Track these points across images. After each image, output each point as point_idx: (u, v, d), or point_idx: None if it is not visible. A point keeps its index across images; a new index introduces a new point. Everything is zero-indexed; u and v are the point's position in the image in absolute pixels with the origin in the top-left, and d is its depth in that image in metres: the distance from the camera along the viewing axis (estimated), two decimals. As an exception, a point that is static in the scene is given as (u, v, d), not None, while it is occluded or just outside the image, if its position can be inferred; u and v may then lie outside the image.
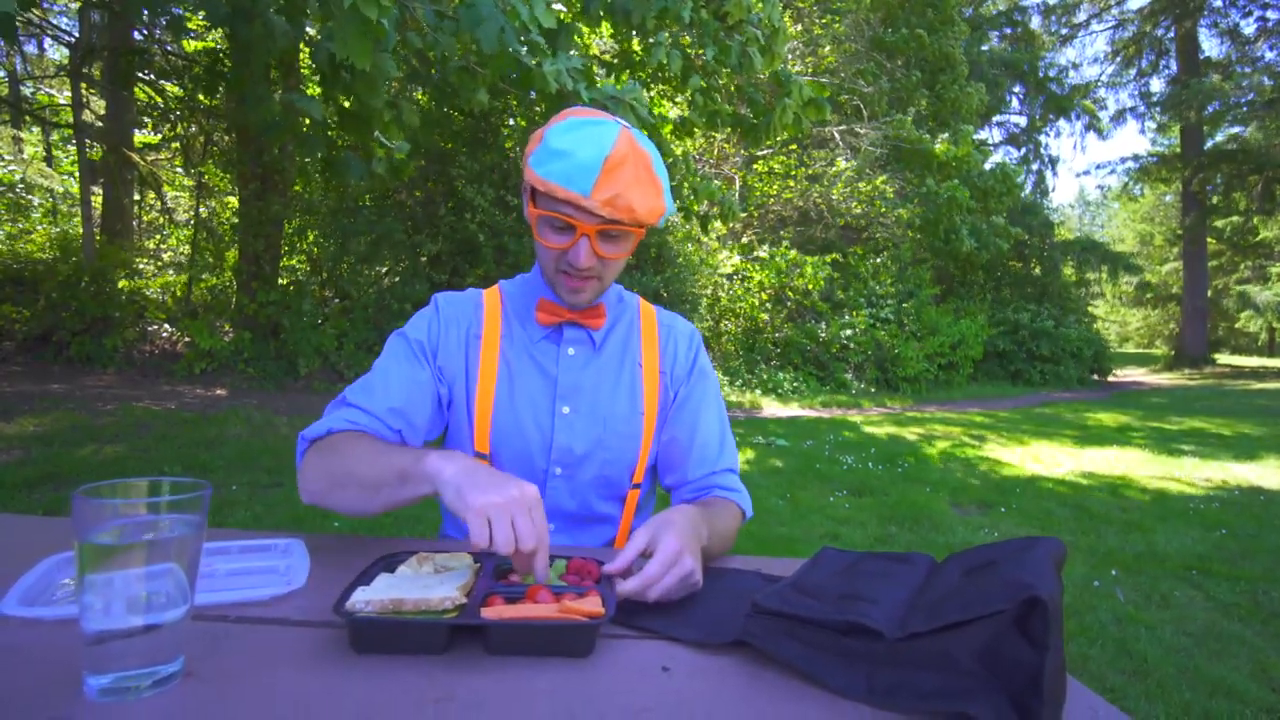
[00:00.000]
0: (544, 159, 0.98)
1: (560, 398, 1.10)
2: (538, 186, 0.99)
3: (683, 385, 1.18)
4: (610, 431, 1.11)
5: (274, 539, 0.95)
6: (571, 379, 1.11)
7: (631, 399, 1.14)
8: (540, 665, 0.67)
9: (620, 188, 0.97)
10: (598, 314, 1.13)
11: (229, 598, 0.76)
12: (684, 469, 1.15)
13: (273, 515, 3.56)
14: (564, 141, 0.98)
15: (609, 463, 1.11)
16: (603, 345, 1.15)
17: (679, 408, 1.17)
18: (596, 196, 0.96)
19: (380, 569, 0.79)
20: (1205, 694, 2.25)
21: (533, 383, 1.10)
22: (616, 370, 1.14)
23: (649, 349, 1.18)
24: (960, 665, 0.60)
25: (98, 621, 0.56)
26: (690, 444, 1.15)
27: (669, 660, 0.69)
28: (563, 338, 1.12)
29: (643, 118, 3.08)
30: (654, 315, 1.22)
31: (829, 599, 0.71)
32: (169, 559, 0.58)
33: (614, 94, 3.09)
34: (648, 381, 1.15)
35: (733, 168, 12.22)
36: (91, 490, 0.57)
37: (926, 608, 0.65)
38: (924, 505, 4.37)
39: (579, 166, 0.96)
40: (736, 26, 4.14)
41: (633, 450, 1.13)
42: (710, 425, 1.17)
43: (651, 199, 1.01)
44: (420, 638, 0.67)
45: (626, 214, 0.98)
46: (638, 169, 1.00)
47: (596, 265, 1.02)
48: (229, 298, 8.69)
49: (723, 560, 1.02)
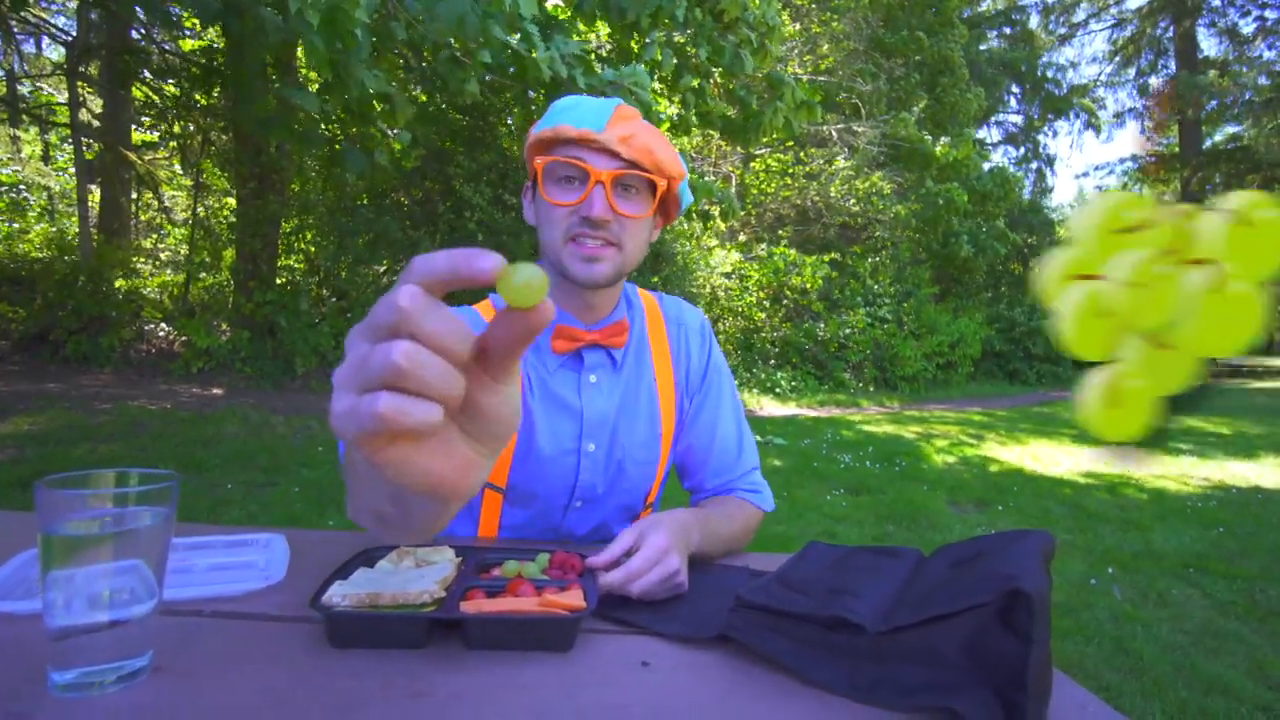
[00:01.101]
0: (550, 117, 0.92)
1: (586, 435, 1.00)
2: (543, 139, 0.90)
3: (698, 392, 1.10)
4: (630, 459, 1.04)
5: (256, 534, 0.94)
6: (597, 412, 1.00)
7: (650, 424, 1.05)
8: (520, 660, 0.66)
9: (636, 130, 0.90)
10: (619, 330, 1.00)
11: (204, 592, 0.75)
12: (702, 475, 1.11)
13: (268, 514, 3.55)
14: (570, 100, 0.94)
15: (626, 491, 1.05)
16: (621, 364, 1.04)
17: (695, 414, 1.10)
18: (611, 131, 0.88)
19: (360, 563, 0.78)
20: (1201, 692, 2.24)
21: (555, 418, 0.99)
22: (635, 393, 1.05)
23: (661, 357, 1.08)
24: (945, 659, 0.59)
25: (61, 617, 0.55)
26: (709, 451, 1.09)
27: (650, 655, 0.68)
28: (583, 364, 1.00)
29: (644, 101, 3.01)
30: (659, 311, 1.11)
31: (814, 593, 0.70)
32: (136, 553, 0.57)
33: (613, 79, 3.02)
34: (664, 398, 1.07)
35: (731, 166, 12.21)
36: (57, 481, 0.56)
37: (912, 602, 0.64)
38: (921, 504, 4.36)
39: (590, 109, 0.90)
40: (732, 26, 4.13)
41: (649, 476, 1.07)
42: (727, 428, 1.10)
43: (671, 152, 0.93)
44: (398, 632, 0.65)
45: (645, 155, 0.89)
46: (651, 126, 0.94)
47: (614, 225, 0.91)
48: (226, 297, 8.68)
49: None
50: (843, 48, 12.40)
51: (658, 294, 1.15)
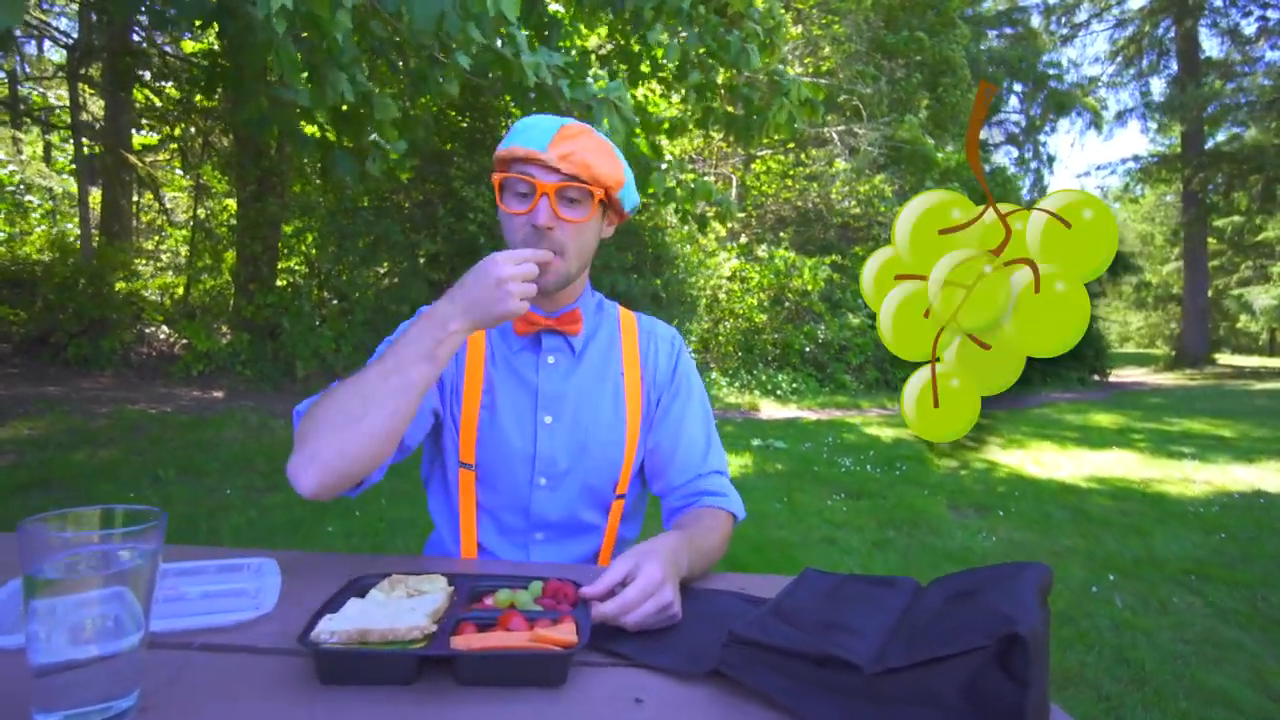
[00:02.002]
0: (508, 138, 1.06)
1: (542, 407, 1.10)
2: (501, 157, 1.05)
3: (665, 392, 1.18)
4: (593, 439, 1.11)
5: (247, 558, 0.93)
6: (552, 387, 1.11)
7: (615, 408, 1.13)
8: (511, 696, 0.65)
9: (576, 148, 1.02)
10: (574, 319, 1.12)
11: (193, 624, 0.74)
12: (668, 475, 1.15)
13: (268, 519, 3.54)
14: (526, 121, 1.07)
15: (592, 471, 1.11)
16: (583, 354, 1.15)
17: (663, 414, 1.16)
18: (553, 150, 1.01)
19: (351, 594, 0.77)
20: (1203, 702, 2.23)
21: (514, 393, 1.10)
22: (599, 380, 1.14)
23: (630, 357, 1.17)
24: (944, 701, 0.58)
25: (45, 653, 0.54)
26: (674, 449, 1.15)
27: (642, 691, 0.67)
28: (541, 347, 1.12)
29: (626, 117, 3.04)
30: (634, 322, 1.22)
31: (809, 627, 0.69)
32: (122, 581, 0.56)
33: (597, 94, 3.05)
34: (630, 390, 1.15)
35: (731, 167, 12.20)
36: (39, 519, 0.55)
37: (906, 638, 0.63)
38: (922, 508, 4.35)
39: (537, 128, 1.04)
40: (736, 21, 4.09)
41: (616, 460, 1.12)
42: (694, 430, 1.16)
43: (610, 163, 1.06)
44: (387, 669, 0.65)
45: (583, 169, 1.02)
46: (596, 140, 1.06)
47: (558, 232, 1.03)
48: (227, 299, 8.68)
49: (705, 579, 1.00)
50: (843, 50, 12.38)
51: (637, 314, 1.25)
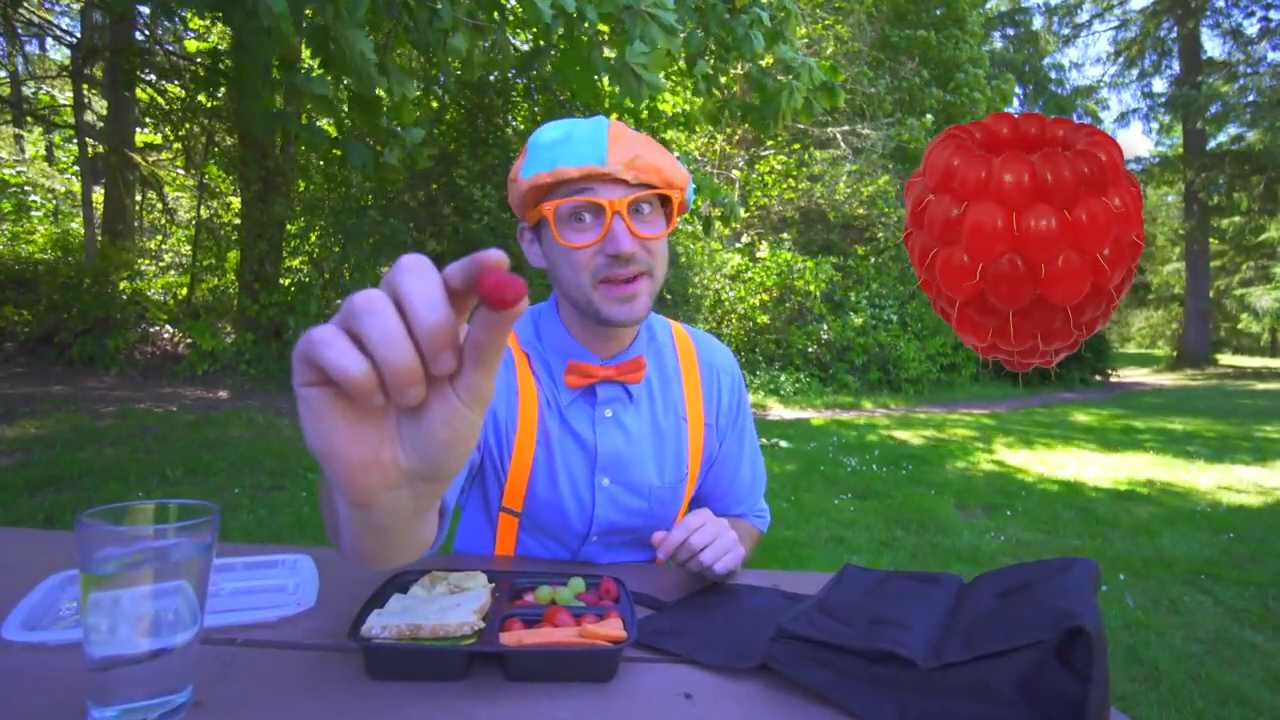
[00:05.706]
0: (538, 157, 0.86)
1: (600, 469, 0.99)
2: (544, 181, 0.85)
3: (728, 435, 1.10)
4: (654, 500, 1.02)
5: (281, 554, 0.93)
6: (611, 446, 0.99)
7: (676, 461, 1.04)
8: (560, 691, 0.65)
9: (638, 150, 0.86)
10: (636, 366, 0.98)
11: (236, 619, 0.74)
12: (712, 504, 1.13)
13: (275, 519, 3.54)
14: (553, 132, 0.87)
15: (648, 528, 1.02)
16: (641, 398, 1.02)
17: (723, 457, 1.11)
18: (615, 159, 0.83)
19: (393, 590, 0.77)
20: (1217, 702, 2.23)
21: (569, 451, 0.98)
22: (657, 428, 1.03)
23: (693, 397, 1.05)
24: (1000, 695, 0.58)
25: (103, 646, 0.54)
26: (729, 487, 1.13)
27: (691, 686, 0.67)
28: (597, 399, 0.99)
29: (666, 25, 2.69)
30: (693, 351, 1.09)
31: (858, 623, 0.69)
32: (180, 575, 0.56)
33: (629, 3, 2.66)
34: (693, 437, 1.05)
35: (735, 169, 12.19)
36: (97, 514, 0.55)
37: (961, 634, 0.63)
38: (929, 508, 4.35)
39: (583, 140, 0.85)
40: (744, 10, 4.04)
41: (674, 511, 1.06)
42: (746, 468, 1.13)
43: (670, 159, 0.90)
44: (438, 665, 0.64)
45: (654, 174, 0.86)
46: (645, 137, 0.90)
47: (640, 253, 0.87)
48: (231, 299, 8.68)
49: (739, 575, 1.00)
50: (847, 49, 12.37)
51: (690, 328, 1.13)
